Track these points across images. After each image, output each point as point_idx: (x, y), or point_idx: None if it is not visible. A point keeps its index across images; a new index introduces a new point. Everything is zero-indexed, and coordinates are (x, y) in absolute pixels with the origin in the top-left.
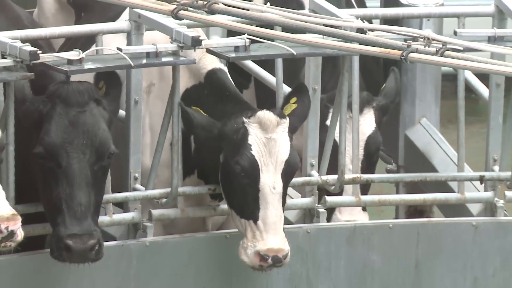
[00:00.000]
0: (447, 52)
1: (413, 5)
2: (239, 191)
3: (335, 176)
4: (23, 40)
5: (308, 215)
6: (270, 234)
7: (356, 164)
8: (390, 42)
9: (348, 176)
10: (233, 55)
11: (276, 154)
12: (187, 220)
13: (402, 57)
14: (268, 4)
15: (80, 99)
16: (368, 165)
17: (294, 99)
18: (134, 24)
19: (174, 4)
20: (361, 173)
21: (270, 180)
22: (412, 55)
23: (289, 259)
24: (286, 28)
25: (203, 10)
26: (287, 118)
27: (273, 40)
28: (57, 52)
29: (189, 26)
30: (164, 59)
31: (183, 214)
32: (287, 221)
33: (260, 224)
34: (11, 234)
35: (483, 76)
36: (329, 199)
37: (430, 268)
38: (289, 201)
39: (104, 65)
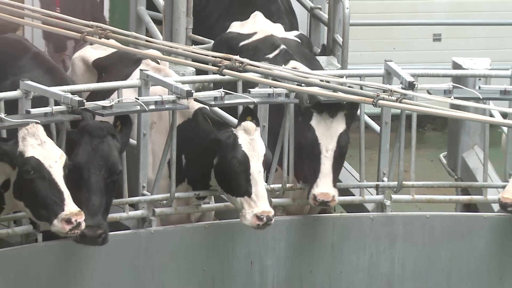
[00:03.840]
0: (404, 100)
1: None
2: (235, 177)
3: (279, 185)
4: (71, 92)
5: None
6: (262, 202)
7: (292, 177)
8: (366, 92)
9: (288, 185)
10: (213, 102)
11: (258, 149)
12: (177, 215)
13: (373, 103)
14: (283, 65)
15: (101, 133)
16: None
17: (249, 118)
18: (144, 82)
19: (219, 66)
20: None
21: (256, 166)
22: (380, 101)
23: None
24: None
25: (239, 70)
26: (259, 126)
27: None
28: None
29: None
30: (167, 106)
31: (176, 211)
32: None
33: (253, 196)
34: (78, 224)
35: (376, 117)
36: (274, 200)
37: (342, 247)
38: None
39: (127, 109)
